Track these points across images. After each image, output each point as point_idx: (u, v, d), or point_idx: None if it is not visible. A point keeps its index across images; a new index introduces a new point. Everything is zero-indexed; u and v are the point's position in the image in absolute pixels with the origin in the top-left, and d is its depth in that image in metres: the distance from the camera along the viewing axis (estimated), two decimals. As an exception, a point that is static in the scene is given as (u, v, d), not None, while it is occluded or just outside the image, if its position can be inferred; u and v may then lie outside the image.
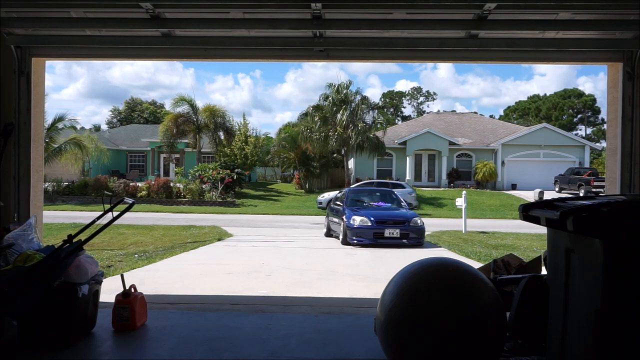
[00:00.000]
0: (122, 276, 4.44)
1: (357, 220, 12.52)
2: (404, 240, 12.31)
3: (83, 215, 19.06)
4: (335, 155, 34.60)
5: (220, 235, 14.04)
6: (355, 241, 12.31)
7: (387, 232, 12.33)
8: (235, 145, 34.19)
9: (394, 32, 5.39)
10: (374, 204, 14.45)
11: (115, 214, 3.98)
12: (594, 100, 63.81)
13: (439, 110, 59.65)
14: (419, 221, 12.73)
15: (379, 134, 31.84)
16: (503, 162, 34.62)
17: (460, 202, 17.02)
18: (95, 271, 4.12)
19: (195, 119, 32.38)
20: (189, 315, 5.00)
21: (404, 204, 14.93)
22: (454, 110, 60.94)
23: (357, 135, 29.46)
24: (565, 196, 8.11)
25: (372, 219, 12.52)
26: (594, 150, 40.75)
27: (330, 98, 30.73)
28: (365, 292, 6.73)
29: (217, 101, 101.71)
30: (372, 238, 12.27)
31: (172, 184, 27.60)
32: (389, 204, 14.41)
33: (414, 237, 12.41)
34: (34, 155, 5.67)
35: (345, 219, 12.79)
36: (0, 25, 5.19)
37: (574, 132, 57.05)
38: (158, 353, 3.91)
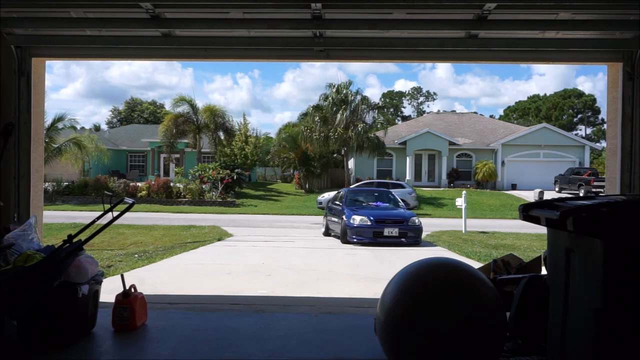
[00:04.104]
0: (122, 276, 4.44)
1: (357, 219, 12.73)
2: (403, 239, 12.55)
3: (83, 215, 19.05)
4: (335, 155, 34.59)
5: (220, 235, 14.03)
6: (355, 240, 12.49)
7: (387, 231, 12.53)
8: (235, 145, 34.18)
9: (394, 32, 5.39)
10: (373, 203, 14.67)
11: (115, 214, 3.98)
12: (594, 100, 63.84)
13: (439, 110, 59.77)
14: (416, 220, 13.01)
15: (379, 134, 31.84)
16: (503, 162, 34.62)
17: (460, 202, 17.03)
18: (95, 271, 4.12)
19: (195, 119, 32.37)
20: (189, 315, 5.00)
21: (401, 203, 15.25)
22: (454, 110, 61.01)
23: (357, 135, 29.46)
24: (565, 196, 8.11)
25: (371, 218, 12.75)
26: (594, 150, 40.74)
27: (330, 98, 30.73)
28: (365, 292, 6.73)
29: (216, 101, 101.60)
30: (371, 237, 12.48)
31: (172, 184, 27.57)
32: (387, 204, 14.67)
33: (412, 236, 12.67)
34: (34, 155, 5.67)
35: (345, 219, 12.96)
36: (0, 25, 5.19)
37: (574, 132, 57.05)
38: (158, 353, 3.91)
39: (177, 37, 5.58)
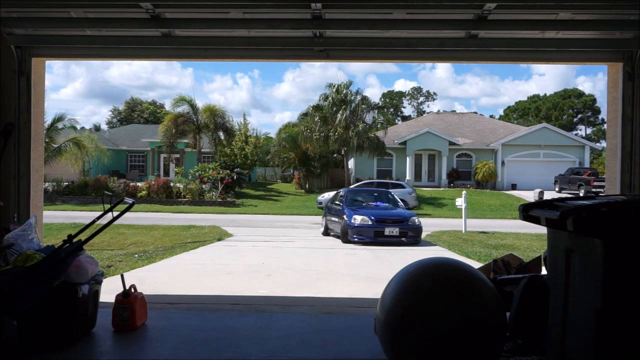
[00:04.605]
0: (122, 276, 4.44)
1: (358, 219, 12.84)
2: (403, 239, 12.67)
3: (83, 215, 19.05)
4: (335, 155, 34.59)
5: (220, 235, 14.04)
6: (356, 239, 12.59)
7: (387, 231, 12.64)
8: (235, 145, 34.18)
9: (394, 32, 5.39)
10: (372, 203, 14.77)
11: (115, 214, 3.98)
12: (594, 100, 63.83)
13: (439, 110, 59.77)
14: (416, 220, 13.15)
15: (379, 134, 31.84)
16: (503, 162, 34.62)
17: (460, 202, 17.03)
18: (95, 271, 4.12)
19: (195, 119, 32.38)
20: (189, 315, 5.00)
21: (400, 203, 15.38)
22: (454, 110, 61.02)
23: (357, 135, 29.46)
24: (565, 196, 8.11)
25: (372, 218, 12.87)
26: (594, 150, 40.74)
27: (330, 98, 30.75)
28: (365, 292, 6.73)
29: (215, 101, 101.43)
30: (372, 236, 12.59)
31: (172, 184, 27.57)
32: (387, 204, 14.78)
33: (412, 236, 12.80)
34: (34, 155, 5.67)
35: (345, 218, 13.06)
36: (0, 25, 5.19)
37: (574, 132, 57.05)
38: (158, 353, 3.91)
39: (177, 37, 5.58)
